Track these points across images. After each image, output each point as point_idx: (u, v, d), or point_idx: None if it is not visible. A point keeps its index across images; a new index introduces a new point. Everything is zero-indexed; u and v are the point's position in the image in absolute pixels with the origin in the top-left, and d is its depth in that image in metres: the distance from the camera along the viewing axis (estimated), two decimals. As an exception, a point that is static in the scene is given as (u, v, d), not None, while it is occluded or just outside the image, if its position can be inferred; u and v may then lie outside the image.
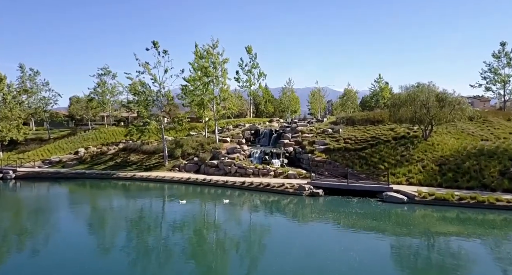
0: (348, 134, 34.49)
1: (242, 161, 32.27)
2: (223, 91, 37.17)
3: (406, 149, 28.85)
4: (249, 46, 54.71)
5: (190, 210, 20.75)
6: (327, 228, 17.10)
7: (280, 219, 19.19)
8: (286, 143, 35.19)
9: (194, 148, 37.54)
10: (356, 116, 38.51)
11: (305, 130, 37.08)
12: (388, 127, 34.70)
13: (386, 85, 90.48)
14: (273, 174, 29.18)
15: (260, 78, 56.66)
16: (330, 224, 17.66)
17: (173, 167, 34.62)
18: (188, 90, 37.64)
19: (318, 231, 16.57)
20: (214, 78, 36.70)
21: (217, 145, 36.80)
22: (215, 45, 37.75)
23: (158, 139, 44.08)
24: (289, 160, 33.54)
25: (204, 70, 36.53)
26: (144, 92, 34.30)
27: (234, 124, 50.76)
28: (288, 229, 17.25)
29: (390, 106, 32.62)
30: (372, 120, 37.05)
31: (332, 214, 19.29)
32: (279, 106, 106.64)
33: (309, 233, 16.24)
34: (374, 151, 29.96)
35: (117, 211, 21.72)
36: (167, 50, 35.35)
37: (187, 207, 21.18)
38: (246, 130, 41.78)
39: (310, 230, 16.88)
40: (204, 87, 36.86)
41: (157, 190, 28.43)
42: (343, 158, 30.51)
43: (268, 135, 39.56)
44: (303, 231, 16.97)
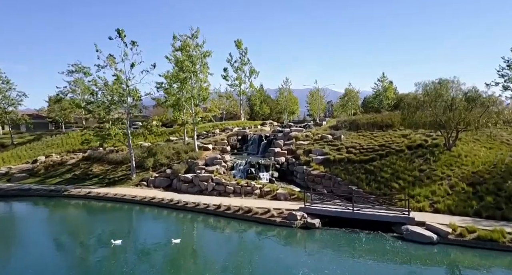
0: (351, 142, 28.58)
1: (222, 175, 26.33)
2: (203, 89, 31.27)
3: (425, 162, 22.96)
4: (238, 40, 48.89)
5: (121, 257, 14.84)
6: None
7: (256, 271, 13.22)
8: (277, 152, 29.27)
9: (168, 157, 31.66)
10: (360, 120, 32.60)
11: (300, 136, 31.17)
12: (399, 133, 28.80)
13: (390, 84, 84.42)
14: (258, 192, 23.27)
15: (251, 76, 50.77)
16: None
17: (141, 181, 28.71)
18: (163, 88, 31.80)
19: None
20: (192, 74, 30.80)
21: (196, 154, 30.92)
22: (195, 36, 31.90)
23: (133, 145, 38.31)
24: (280, 173, 27.64)
25: (180, 64, 30.67)
26: (103, 91, 28.42)
27: (221, 128, 44.85)
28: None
29: (403, 108, 26.73)
30: (380, 124, 31.14)
31: (330, 261, 13.38)
32: (276, 107, 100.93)
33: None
34: (384, 163, 24.08)
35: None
36: (135, 41, 29.51)
37: (119, 250, 15.30)
38: (232, 135, 35.89)
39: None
40: (181, 84, 30.98)
41: (111, 214, 22.57)
42: (345, 171, 24.63)
43: (257, 142, 33.66)
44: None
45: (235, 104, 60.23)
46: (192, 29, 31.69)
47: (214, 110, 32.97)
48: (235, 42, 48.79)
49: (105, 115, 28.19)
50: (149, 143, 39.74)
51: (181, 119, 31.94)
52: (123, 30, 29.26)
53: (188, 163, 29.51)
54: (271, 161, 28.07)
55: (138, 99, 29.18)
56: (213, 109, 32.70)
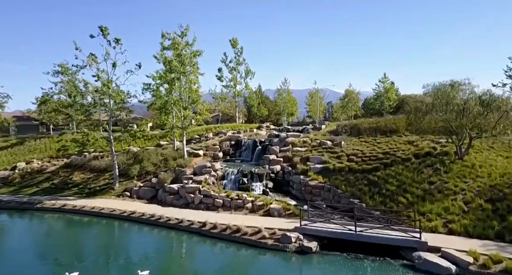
0: (352, 149, 26.27)
1: (211, 186, 24.02)
2: (193, 91, 28.94)
3: (435, 172, 20.65)
4: (234, 39, 46.57)
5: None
6: None
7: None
8: (272, 160, 26.95)
9: (155, 165, 29.33)
10: (362, 124, 30.29)
11: (297, 142, 28.85)
12: (405, 139, 26.49)
13: (392, 85, 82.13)
14: (250, 206, 20.96)
15: (247, 77, 48.46)
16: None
17: (124, 191, 26.40)
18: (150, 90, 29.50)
19: None
20: (181, 74, 28.50)
21: (184, 161, 28.60)
22: (184, 34, 29.59)
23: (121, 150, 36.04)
24: (275, 183, 25.31)
25: (168, 64, 28.39)
26: (82, 93, 26.12)
27: (215, 132, 42.53)
28: None
29: (409, 112, 24.41)
30: (383, 129, 28.82)
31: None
32: (274, 108, 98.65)
33: None
34: (389, 173, 21.77)
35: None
36: (119, 39, 27.20)
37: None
38: (225, 140, 33.56)
39: None
40: (169, 86, 28.71)
41: (84, 231, 20.30)
42: (346, 182, 22.31)
43: (251, 148, 31.33)
44: None
45: (231, 106, 57.93)
46: (182, 26, 29.41)
47: (205, 114, 30.66)
48: (230, 41, 46.51)
49: (84, 119, 25.81)
50: (137, 147, 37.47)
51: (169, 123, 29.61)
52: (106, 27, 26.98)
53: (175, 171, 27.20)
54: (265, 170, 25.75)
55: (121, 101, 26.83)
56: (203, 113, 30.38)
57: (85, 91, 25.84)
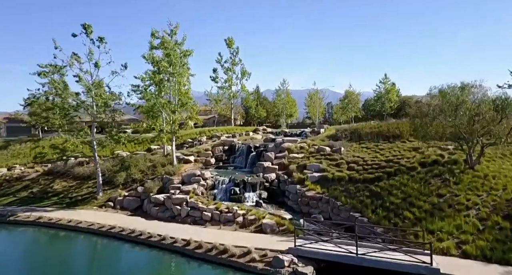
0: (353, 156, 24.43)
1: (200, 196, 22.17)
2: (182, 94, 27.08)
3: (443, 183, 18.80)
4: (229, 39, 44.71)
5: None
6: None
7: None
8: (267, 167, 25.10)
9: (143, 171, 27.49)
10: (363, 129, 28.45)
11: (294, 148, 27.00)
12: (409, 145, 24.67)
13: (393, 86, 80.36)
14: (240, 220, 19.10)
15: (243, 78, 46.58)
16: None
17: (107, 201, 24.55)
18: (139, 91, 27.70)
19: None
20: (170, 76, 26.68)
21: (173, 168, 26.77)
22: (174, 32, 27.76)
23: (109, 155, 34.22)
24: (270, 193, 23.46)
25: (156, 65, 26.59)
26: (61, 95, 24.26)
27: (209, 135, 40.69)
28: None
29: (414, 116, 22.56)
30: (386, 134, 26.99)
31: None
32: (273, 110, 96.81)
33: None
34: (393, 184, 19.94)
35: None
36: (103, 38, 25.35)
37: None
38: (218, 145, 31.72)
39: None
40: (158, 88, 26.90)
41: (57, 248, 18.43)
42: (346, 193, 20.48)
43: (245, 153, 29.49)
44: None
45: (227, 108, 55.96)
46: (171, 24, 27.57)
47: (195, 118, 28.81)
48: (225, 41, 44.68)
49: (63, 123, 23.90)
50: (127, 152, 35.65)
51: (157, 128, 27.75)
52: (90, 25, 25.17)
53: (163, 179, 25.37)
54: (259, 178, 23.89)
55: (104, 105, 24.96)
56: (193, 117, 28.52)
57: (65, 93, 23.97)
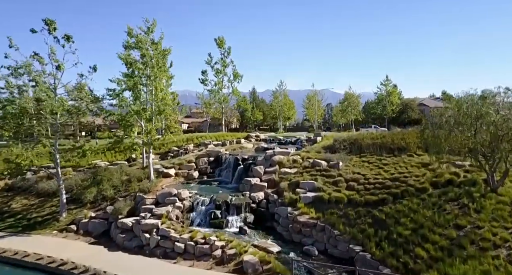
0: (352, 172, 21.26)
1: (174, 221, 19.01)
2: (158, 99, 23.89)
3: (461, 210, 15.66)
4: (220, 38, 41.52)
5: None
6: None
7: None
8: (255, 185, 21.95)
9: (116, 187, 24.31)
10: (364, 140, 25.28)
11: (286, 161, 23.84)
12: (418, 160, 21.51)
13: (395, 88, 77.24)
14: (218, 254, 15.93)
15: (235, 80, 43.35)
16: None
17: (70, 224, 21.34)
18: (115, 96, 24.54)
19: None
20: (145, 78, 23.53)
21: (149, 184, 23.65)
22: (151, 30, 24.60)
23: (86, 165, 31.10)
24: (257, 216, 20.29)
25: (130, 66, 23.47)
26: (13, 100, 21.05)
27: (197, 143, 37.56)
28: None
29: (425, 128, 19.40)
30: (390, 147, 23.83)
31: None
32: (270, 112, 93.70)
33: None
34: (400, 209, 16.80)
35: None
36: (70, 36, 22.16)
37: None
38: (203, 156, 28.54)
39: None
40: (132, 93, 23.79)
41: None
42: (345, 219, 17.38)
43: (232, 166, 26.33)
44: None
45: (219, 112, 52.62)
46: (147, 21, 24.38)
47: (174, 127, 25.65)
48: (215, 40, 41.48)
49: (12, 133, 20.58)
50: (106, 162, 32.52)
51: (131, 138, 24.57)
52: (53, 21, 21.98)
53: (136, 198, 22.20)
54: (244, 199, 20.72)
55: (67, 112, 21.75)
56: (172, 126, 25.36)
57: (19, 99, 20.80)
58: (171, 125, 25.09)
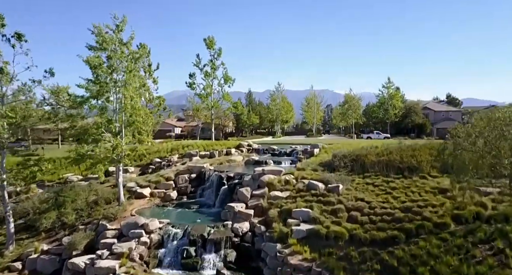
0: (355, 198, 17.77)
1: (137, 262, 15.53)
2: (127, 110, 20.36)
3: (497, 259, 12.18)
4: (209, 38, 38.01)
5: None
6: None
7: None
8: (239, 212, 18.45)
9: (79, 211, 20.82)
10: (368, 156, 21.79)
11: (277, 182, 20.32)
12: (432, 184, 18.01)
13: (397, 91, 73.74)
14: (185, 313, 12.45)
15: (226, 84, 39.84)
16: None
17: (16, 260, 17.81)
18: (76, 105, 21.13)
19: None
20: (112, 84, 20.07)
21: (117, 209, 20.21)
22: (120, 28, 21.10)
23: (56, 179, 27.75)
24: (240, 253, 16.77)
25: (94, 70, 20.00)
26: None
27: (182, 153, 34.09)
28: None
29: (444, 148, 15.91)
30: (399, 165, 20.32)
31: None
32: (267, 116, 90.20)
33: None
34: (416, 253, 13.35)
35: None
36: (22, 34, 18.64)
37: None
38: (183, 173, 25.07)
39: None
40: (96, 102, 20.34)
41: None
42: (347, 263, 13.92)
43: (215, 186, 22.84)
44: None
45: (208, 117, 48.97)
46: (116, 18, 20.87)
47: (147, 140, 22.17)
48: (205, 41, 37.96)
49: None
50: (79, 175, 29.13)
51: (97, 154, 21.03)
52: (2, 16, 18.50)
53: (98, 227, 18.73)
54: (225, 231, 17.20)
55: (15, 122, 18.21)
56: (144, 140, 21.87)
57: None
58: (144, 139, 21.53)
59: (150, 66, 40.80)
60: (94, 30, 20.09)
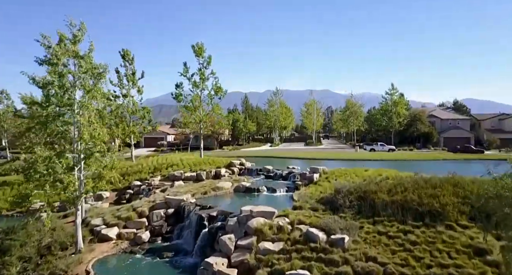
0: (364, 255, 13.98)
1: None
2: (86, 136, 16.57)
3: None
4: (198, 45, 34.19)
5: None
6: None
7: None
8: (219, 273, 14.68)
9: (27, 260, 17.07)
10: (378, 194, 18.00)
11: (267, 230, 16.46)
12: (464, 239, 14.20)
13: (401, 98, 69.99)
14: None
15: (216, 96, 36.01)
16: None
17: None
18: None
19: None
20: (67, 109, 16.36)
21: (72, 260, 16.48)
22: (78, 38, 17.32)
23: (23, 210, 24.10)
24: None
25: (46, 90, 16.30)
26: None
27: (164, 174, 30.44)
28: None
29: (486, 200, 12.14)
30: (417, 208, 16.53)
31: None
32: (265, 122, 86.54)
33: None
34: None
35: None
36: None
37: None
38: (159, 208, 21.27)
39: None
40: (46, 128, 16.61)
41: None
42: None
43: (195, 226, 19.07)
44: None
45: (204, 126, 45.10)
46: (73, 25, 17.10)
47: (109, 176, 18.34)
48: (193, 48, 34.12)
49: None
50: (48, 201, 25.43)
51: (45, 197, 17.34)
52: None
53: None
54: (199, 301, 13.45)
55: None
56: (105, 175, 18.00)
57: None
58: (106, 174, 17.69)
59: (134, 74, 37.20)
60: (43, 41, 16.34)
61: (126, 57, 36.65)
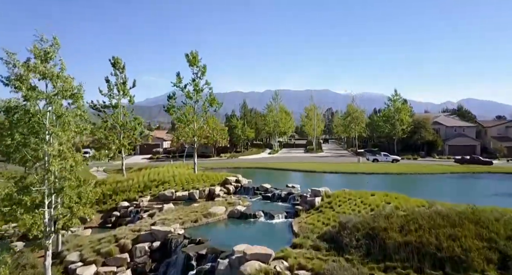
0: (378, 320, 11.85)
1: None
2: (55, 168, 14.42)
3: None
4: (192, 54, 32.02)
5: None
6: None
7: None
8: None
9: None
10: (389, 232, 15.84)
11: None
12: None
13: (404, 104, 67.79)
14: None
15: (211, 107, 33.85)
16: None
17: None
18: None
19: None
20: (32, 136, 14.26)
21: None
22: (49, 55, 15.15)
23: None
24: None
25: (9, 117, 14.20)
26: None
27: (155, 195, 28.41)
28: None
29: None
30: (435, 252, 14.39)
31: None
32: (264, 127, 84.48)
33: None
34: None
35: None
36: None
37: None
38: (143, 240, 19.13)
39: None
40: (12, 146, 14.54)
41: None
42: None
43: (181, 267, 16.93)
44: None
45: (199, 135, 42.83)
46: (44, 40, 14.97)
47: (81, 213, 16.18)
48: (187, 57, 31.94)
49: None
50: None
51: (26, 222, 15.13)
52: None
53: None
54: None
55: None
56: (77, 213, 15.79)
57: None
58: (77, 212, 15.54)
59: (124, 84, 35.11)
60: (8, 59, 14.21)
61: (117, 65, 34.57)
